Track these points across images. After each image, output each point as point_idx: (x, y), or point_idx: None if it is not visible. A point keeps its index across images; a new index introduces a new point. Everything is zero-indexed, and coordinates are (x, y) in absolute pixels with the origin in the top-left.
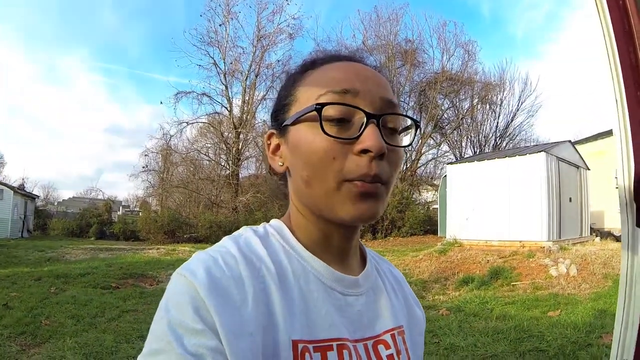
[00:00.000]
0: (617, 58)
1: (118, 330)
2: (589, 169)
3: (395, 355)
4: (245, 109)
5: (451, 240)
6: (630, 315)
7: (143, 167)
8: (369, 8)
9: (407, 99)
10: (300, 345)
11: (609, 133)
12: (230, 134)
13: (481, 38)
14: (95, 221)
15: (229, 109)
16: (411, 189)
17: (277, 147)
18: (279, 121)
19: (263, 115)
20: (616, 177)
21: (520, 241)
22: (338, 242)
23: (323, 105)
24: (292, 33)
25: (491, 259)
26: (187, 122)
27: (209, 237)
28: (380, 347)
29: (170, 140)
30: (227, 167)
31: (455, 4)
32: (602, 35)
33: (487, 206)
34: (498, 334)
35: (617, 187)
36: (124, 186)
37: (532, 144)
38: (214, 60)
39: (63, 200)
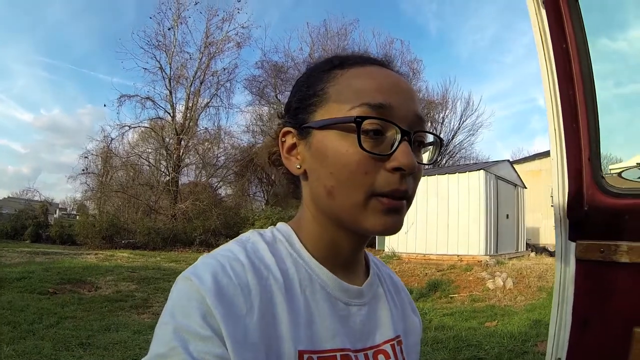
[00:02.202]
0: (558, 96)
1: (57, 337)
2: (525, 187)
3: None
4: (188, 115)
5: (389, 253)
6: (563, 318)
7: (83, 170)
8: (319, 21)
9: None
10: (305, 356)
11: (545, 154)
12: (171, 140)
13: (427, 56)
14: (30, 223)
15: (171, 114)
16: None
17: (293, 146)
18: (299, 120)
19: (206, 122)
20: (552, 196)
21: (459, 255)
22: (347, 251)
23: (363, 118)
24: (240, 42)
25: (429, 272)
26: (129, 126)
27: (147, 244)
28: (381, 357)
29: (111, 143)
30: (167, 173)
31: (403, 21)
32: (547, 77)
33: (427, 220)
34: (437, 344)
35: (552, 205)
36: (62, 188)
37: (472, 161)
38: (160, 65)
39: None
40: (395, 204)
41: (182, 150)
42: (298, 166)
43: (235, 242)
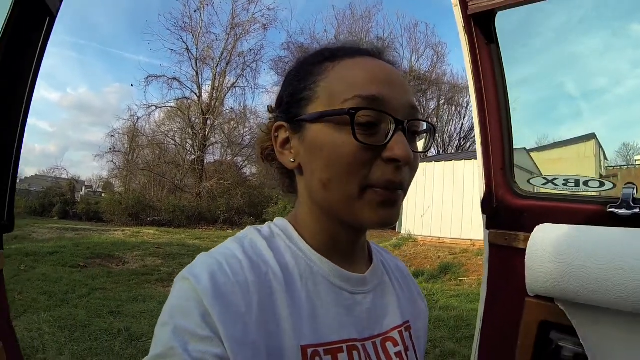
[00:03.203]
0: (477, 123)
1: (89, 306)
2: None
3: (403, 352)
4: (214, 95)
5: (406, 235)
6: (481, 293)
7: (110, 149)
8: (344, 5)
9: None
10: (309, 350)
11: (563, 143)
12: (197, 120)
13: (452, 39)
14: (58, 200)
15: (198, 95)
16: None
17: (286, 140)
18: (292, 114)
19: (232, 102)
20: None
21: (472, 240)
22: (346, 242)
23: (356, 110)
24: (266, 24)
25: (442, 255)
26: (155, 106)
27: (172, 221)
28: (389, 344)
29: (137, 122)
30: (193, 152)
31: (429, 3)
32: (474, 106)
33: (442, 204)
34: (439, 322)
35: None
36: (88, 166)
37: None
38: (187, 46)
39: (25, 178)
40: (390, 196)
41: (207, 130)
42: (292, 160)
43: (232, 239)
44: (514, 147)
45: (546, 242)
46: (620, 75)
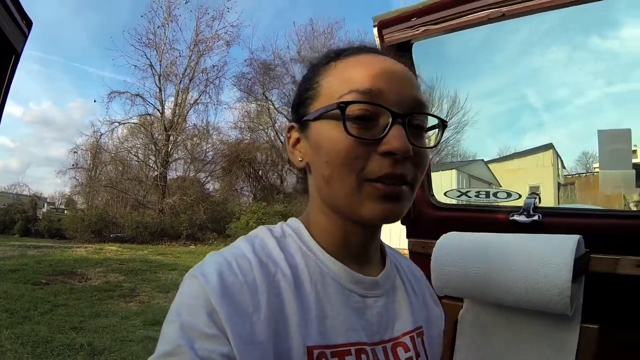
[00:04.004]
0: None
1: (51, 322)
2: (500, 186)
3: (414, 358)
4: (177, 111)
5: None
6: None
7: (72, 165)
8: (306, 21)
9: None
10: (316, 352)
11: (523, 153)
12: (160, 136)
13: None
14: (19, 217)
15: (161, 111)
16: None
17: (297, 141)
18: (300, 115)
19: (195, 118)
20: None
21: (399, 248)
22: (358, 242)
23: (347, 103)
24: (229, 40)
25: None
26: (118, 122)
27: (135, 237)
28: (400, 349)
29: (100, 138)
30: (156, 168)
31: None
32: None
33: None
34: None
35: None
36: (51, 182)
37: (459, 158)
38: (150, 62)
39: None
40: (391, 190)
41: (170, 146)
42: (300, 159)
43: (243, 239)
44: (475, 158)
45: (449, 248)
46: (580, 87)
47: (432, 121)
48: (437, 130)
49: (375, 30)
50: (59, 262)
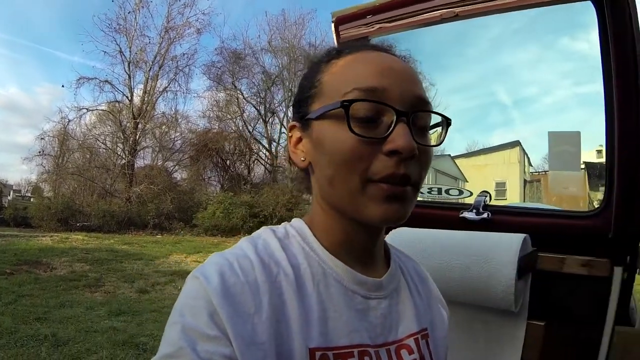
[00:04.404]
0: None
1: (15, 313)
2: (467, 181)
3: None
4: (145, 99)
5: None
6: None
7: (39, 152)
8: (277, 11)
9: None
10: (318, 353)
11: (491, 149)
12: (128, 124)
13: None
14: None
15: (129, 98)
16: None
17: (299, 140)
18: (301, 113)
19: (163, 106)
20: None
21: None
22: (362, 243)
23: (350, 102)
24: (200, 28)
25: None
26: (87, 109)
27: (102, 227)
28: (404, 351)
29: (68, 124)
30: (124, 156)
31: None
32: None
33: None
34: None
35: None
36: (17, 169)
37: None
38: (120, 48)
39: None
40: (395, 190)
41: (138, 134)
42: (302, 159)
43: (246, 239)
44: (443, 153)
45: (398, 243)
46: (549, 86)
47: (434, 118)
48: (440, 128)
49: (332, 26)
50: (24, 251)
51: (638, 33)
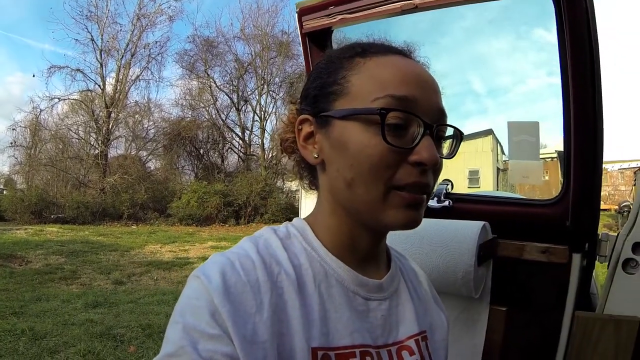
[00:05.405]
0: None
1: None
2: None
3: None
4: (118, 88)
5: None
6: None
7: (11, 143)
8: None
9: (278, 89)
10: (320, 353)
11: (465, 137)
12: (101, 113)
13: (356, 36)
14: None
15: (102, 87)
16: (275, 177)
17: (310, 134)
18: (318, 109)
19: (136, 95)
20: None
21: None
22: (366, 245)
23: (388, 111)
24: (172, 15)
25: None
26: (58, 98)
27: (76, 218)
28: (405, 353)
29: (40, 114)
30: (97, 146)
31: None
32: None
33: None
34: None
35: None
36: None
37: None
38: (92, 36)
39: None
40: (416, 198)
41: (111, 123)
42: (315, 155)
43: (248, 239)
44: None
45: None
46: (522, 75)
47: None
48: (452, 140)
49: (296, 16)
50: None
51: (594, 21)
